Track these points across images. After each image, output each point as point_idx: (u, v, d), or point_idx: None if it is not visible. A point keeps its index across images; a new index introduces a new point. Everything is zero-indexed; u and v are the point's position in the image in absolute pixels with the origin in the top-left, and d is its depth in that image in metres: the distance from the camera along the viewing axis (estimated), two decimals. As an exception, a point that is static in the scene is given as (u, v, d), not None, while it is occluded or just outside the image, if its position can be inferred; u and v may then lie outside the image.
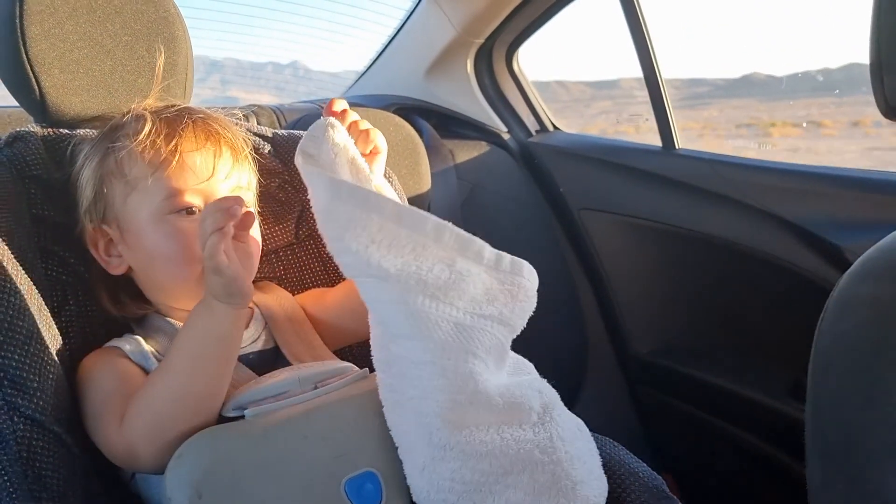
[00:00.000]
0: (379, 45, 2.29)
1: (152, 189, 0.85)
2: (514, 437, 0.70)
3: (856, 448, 0.62)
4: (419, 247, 0.66)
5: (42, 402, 0.74)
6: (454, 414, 0.68)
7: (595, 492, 0.72)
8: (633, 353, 1.96)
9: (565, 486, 0.69)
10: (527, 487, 0.68)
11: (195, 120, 0.88)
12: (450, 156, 1.96)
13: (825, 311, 0.72)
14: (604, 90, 2.97)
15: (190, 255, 0.85)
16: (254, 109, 1.76)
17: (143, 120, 0.87)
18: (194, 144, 0.87)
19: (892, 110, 0.68)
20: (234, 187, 0.90)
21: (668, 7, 2.13)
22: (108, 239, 0.89)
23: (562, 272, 2.06)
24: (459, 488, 0.69)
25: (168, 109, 0.91)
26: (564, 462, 0.71)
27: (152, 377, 0.79)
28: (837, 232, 1.46)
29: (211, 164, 0.87)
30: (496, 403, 0.70)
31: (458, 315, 0.67)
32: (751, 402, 1.61)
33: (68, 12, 0.95)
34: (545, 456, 0.70)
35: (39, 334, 0.77)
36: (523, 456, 0.69)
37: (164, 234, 0.85)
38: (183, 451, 0.69)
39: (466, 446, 0.69)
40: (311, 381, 0.78)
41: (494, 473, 0.69)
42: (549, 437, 0.71)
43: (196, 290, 0.86)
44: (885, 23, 0.66)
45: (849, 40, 2.43)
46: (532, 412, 0.73)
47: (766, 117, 2.57)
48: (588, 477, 0.73)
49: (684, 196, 1.75)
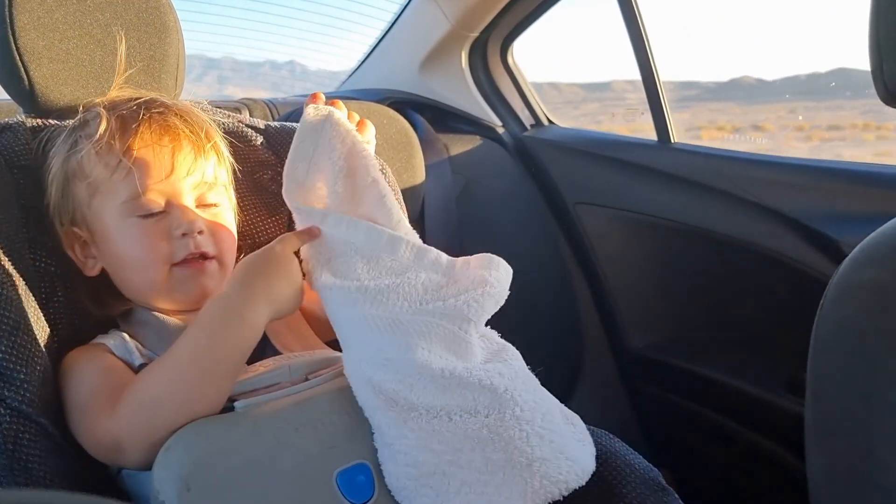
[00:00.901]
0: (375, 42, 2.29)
1: (113, 191, 0.83)
2: (463, 419, 0.71)
3: (858, 434, 0.62)
4: (372, 260, 0.78)
5: (29, 394, 0.73)
6: (401, 400, 0.71)
7: (562, 471, 0.70)
8: (628, 348, 1.95)
9: (519, 462, 0.68)
10: (480, 466, 0.68)
11: (152, 115, 0.85)
12: (444, 150, 1.96)
13: (825, 297, 0.71)
14: (596, 92, 2.97)
15: (155, 257, 0.83)
16: (247, 103, 1.75)
17: (99, 119, 0.85)
18: (150, 141, 0.84)
19: (891, 96, 0.67)
20: (197, 183, 0.87)
21: (665, 8, 2.14)
22: (82, 240, 0.88)
23: (557, 266, 2.05)
24: (414, 472, 0.69)
25: (126, 104, 0.87)
26: (518, 440, 0.70)
27: (154, 373, 0.75)
28: (834, 225, 1.45)
29: (169, 161, 0.84)
30: (443, 386, 0.72)
31: (397, 313, 0.74)
32: (747, 397, 1.61)
33: (58, 2, 0.94)
34: (494, 434, 0.70)
35: (27, 325, 0.76)
36: (472, 435, 0.70)
37: (129, 236, 0.84)
38: (171, 443, 0.68)
39: (417, 431, 0.70)
40: (301, 372, 0.77)
41: (446, 453, 0.69)
42: (502, 417, 0.71)
43: (166, 291, 0.85)
44: (885, 10, 0.66)
45: (839, 45, 2.47)
46: (486, 393, 0.73)
47: (724, 120, 2.60)
48: (553, 455, 0.72)
49: (680, 190, 1.75)
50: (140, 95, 0.90)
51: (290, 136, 1.11)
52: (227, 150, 0.96)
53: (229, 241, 0.90)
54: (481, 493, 0.67)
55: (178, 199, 0.85)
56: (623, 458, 0.85)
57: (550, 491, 0.68)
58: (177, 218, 0.84)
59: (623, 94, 2.77)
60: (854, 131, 2.29)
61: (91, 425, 0.74)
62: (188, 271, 0.85)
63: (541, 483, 0.68)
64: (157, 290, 0.86)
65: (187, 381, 0.72)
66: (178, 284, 0.85)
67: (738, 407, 1.65)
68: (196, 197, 0.88)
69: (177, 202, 0.85)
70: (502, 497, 0.66)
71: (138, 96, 0.89)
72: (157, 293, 0.86)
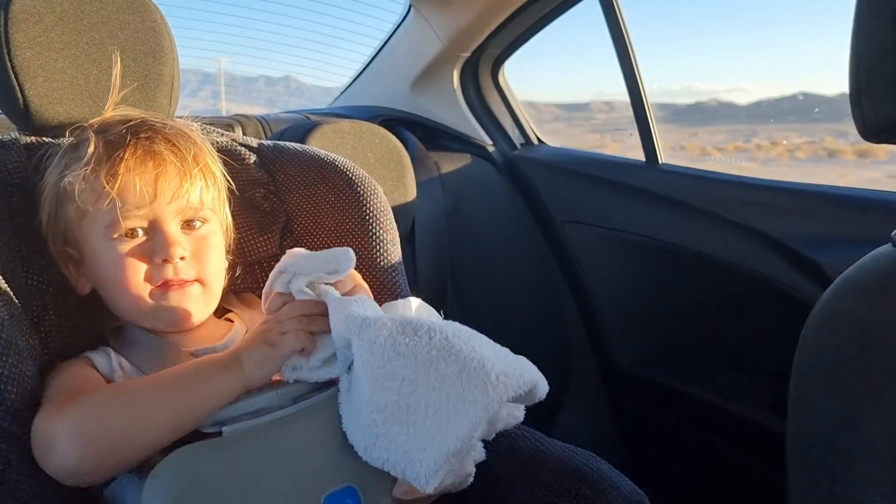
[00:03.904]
0: (367, 60, 2.30)
1: (98, 215, 0.84)
2: (409, 348, 0.71)
3: (838, 465, 0.63)
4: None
5: (20, 415, 0.73)
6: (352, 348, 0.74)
7: (514, 367, 0.70)
8: (615, 365, 1.96)
9: (473, 367, 0.68)
10: (437, 384, 0.68)
11: (139, 140, 0.85)
12: (435, 168, 1.97)
13: (806, 328, 0.73)
14: (573, 112, 3.01)
15: (136, 280, 0.84)
16: (240, 119, 1.76)
17: (87, 143, 0.86)
18: (133, 167, 0.84)
19: (870, 132, 0.69)
20: (182, 208, 0.87)
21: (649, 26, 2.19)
22: (75, 259, 0.88)
23: (545, 284, 2.07)
24: (381, 418, 0.69)
25: (116, 127, 0.87)
26: (466, 350, 0.70)
27: (118, 386, 0.76)
28: (818, 248, 1.48)
29: (152, 187, 0.84)
30: (383, 324, 0.73)
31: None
32: (733, 416, 1.62)
33: (54, 21, 0.95)
34: (443, 352, 0.70)
35: (17, 345, 0.76)
36: (422, 360, 0.70)
37: (112, 259, 0.84)
38: (159, 469, 0.67)
39: (371, 376, 0.71)
40: (289, 396, 0.77)
41: (403, 386, 0.69)
42: (445, 336, 0.71)
43: (150, 313, 0.85)
44: (864, 47, 0.67)
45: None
46: (424, 320, 0.74)
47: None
48: (503, 358, 0.71)
49: (667, 210, 1.77)
50: (131, 117, 0.90)
51: (283, 154, 1.13)
52: (221, 170, 0.96)
53: (215, 264, 0.90)
54: (447, 407, 0.67)
55: (161, 224, 0.85)
56: (609, 480, 0.86)
57: (509, 384, 0.67)
58: (159, 243, 0.85)
59: (594, 114, 2.83)
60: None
61: (38, 416, 0.73)
62: (169, 295, 0.85)
63: (498, 378, 0.67)
64: (142, 313, 0.86)
65: (143, 405, 0.72)
66: (159, 308, 0.85)
67: (722, 425, 1.66)
68: (181, 220, 0.88)
69: (160, 227, 0.85)
70: (467, 402, 0.66)
71: (130, 118, 0.89)
72: (141, 315, 0.87)
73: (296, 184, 1.10)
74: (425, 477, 0.67)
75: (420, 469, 0.67)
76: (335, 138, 1.63)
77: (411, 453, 0.68)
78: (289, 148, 1.13)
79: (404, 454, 0.68)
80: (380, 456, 0.70)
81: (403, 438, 0.69)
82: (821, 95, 2.22)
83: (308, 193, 1.09)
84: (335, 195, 1.08)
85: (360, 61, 2.33)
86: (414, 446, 0.68)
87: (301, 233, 1.09)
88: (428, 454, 0.67)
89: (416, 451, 0.68)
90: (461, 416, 0.66)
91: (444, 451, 0.66)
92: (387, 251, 1.07)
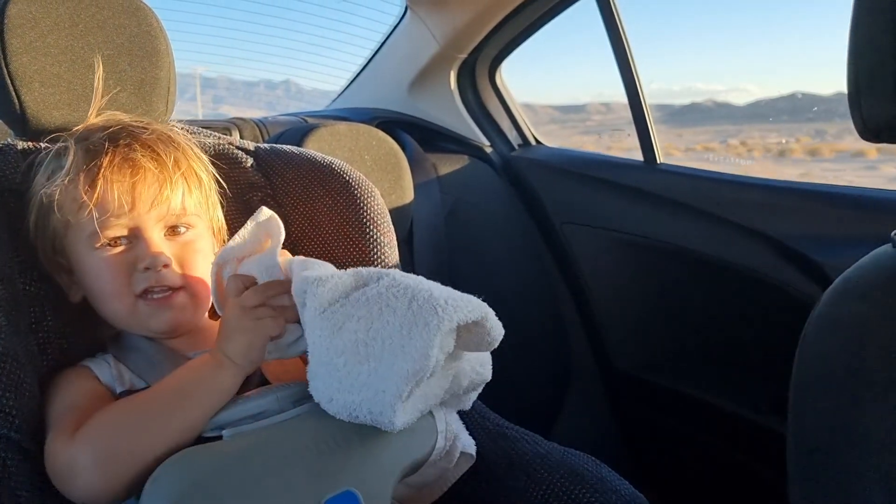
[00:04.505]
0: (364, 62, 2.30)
1: (80, 225, 0.83)
2: (360, 293, 0.74)
3: (839, 468, 0.62)
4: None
5: (18, 421, 0.73)
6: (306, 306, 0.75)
7: (462, 298, 0.72)
8: (615, 368, 1.96)
9: (422, 296, 0.71)
10: (391, 319, 0.71)
11: (118, 147, 0.85)
12: (433, 169, 1.97)
13: (806, 330, 0.72)
14: (569, 114, 3.02)
15: (119, 289, 0.84)
16: (237, 122, 1.76)
17: (67, 153, 0.85)
18: (111, 176, 0.83)
19: (869, 132, 0.69)
20: (163, 215, 0.86)
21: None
22: (66, 267, 0.88)
23: (544, 286, 2.06)
24: (341, 361, 0.71)
25: (95, 135, 0.87)
26: (414, 286, 0.73)
27: (125, 404, 0.76)
28: (817, 248, 1.47)
29: (130, 196, 0.83)
30: (332, 279, 0.76)
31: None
32: (733, 417, 1.62)
33: (50, 26, 0.95)
34: (391, 290, 0.73)
35: (14, 351, 0.76)
36: (373, 301, 0.73)
37: (95, 268, 0.84)
38: (159, 473, 0.67)
39: (328, 326, 0.73)
40: (289, 400, 0.77)
41: (360, 327, 0.71)
42: (392, 280, 0.75)
43: (136, 322, 0.85)
44: (862, 48, 0.67)
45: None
46: (367, 271, 0.79)
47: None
48: (450, 291, 0.74)
49: (666, 211, 1.77)
50: (112, 123, 0.89)
51: (280, 157, 1.12)
52: (207, 173, 0.95)
53: (202, 269, 0.89)
54: (401, 334, 0.69)
55: (143, 232, 0.85)
56: (609, 483, 0.86)
57: (458, 307, 0.70)
58: (141, 251, 0.84)
59: (589, 115, 2.85)
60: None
61: (53, 442, 0.73)
62: (153, 304, 0.85)
63: (447, 302, 0.70)
64: (130, 321, 0.86)
65: (155, 419, 0.73)
66: (145, 317, 0.85)
67: (721, 427, 1.66)
68: (164, 227, 0.87)
69: (142, 235, 0.85)
70: (419, 325, 0.68)
71: (110, 124, 0.89)
72: (130, 323, 0.87)
73: (293, 187, 1.10)
74: (390, 406, 0.69)
75: (384, 399, 0.69)
76: (332, 141, 1.63)
77: (374, 386, 0.70)
78: (286, 151, 1.13)
79: (367, 389, 0.70)
80: (345, 401, 0.72)
81: (365, 375, 0.70)
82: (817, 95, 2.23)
83: (305, 197, 1.09)
84: (332, 198, 1.08)
85: (358, 64, 2.34)
86: (375, 379, 0.70)
87: (298, 236, 1.09)
88: (389, 383, 0.69)
89: (378, 382, 0.70)
90: (415, 339, 0.68)
91: (404, 374, 0.68)
92: (384, 254, 1.07)
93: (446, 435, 0.82)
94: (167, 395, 0.75)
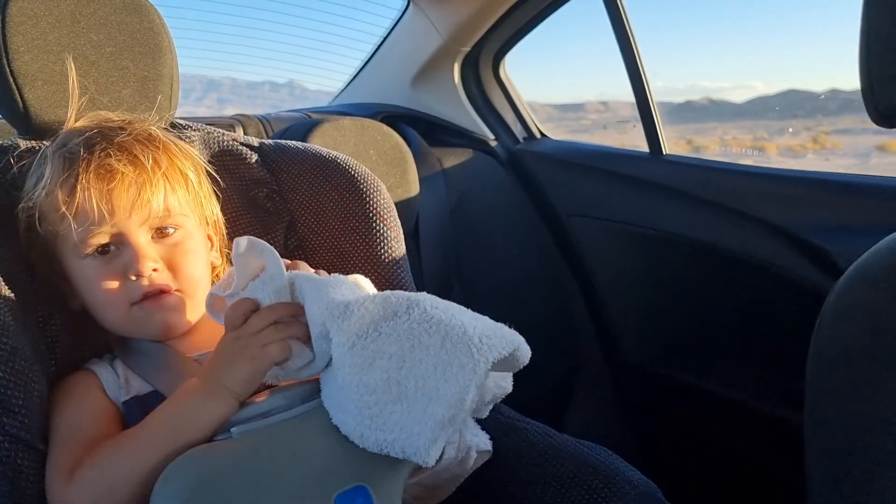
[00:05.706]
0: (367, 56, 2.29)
1: (64, 235, 0.82)
2: (389, 326, 0.71)
3: (858, 456, 0.62)
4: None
5: (27, 420, 0.73)
6: (335, 337, 0.72)
7: (495, 331, 0.70)
8: (623, 359, 1.96)
9: (455, 333, 0.69)
10: (423, 356, 0.68)
11: (93, 152, 0.83)
12: (438, 164, 1.96)
13: (821, 316, 0.72)
14: (568, 112, 3.02)
15: (112, 298, 0.83)
16: (241, 119, 1.75)
17: (44, 163, 0.84)
18: (88, 184, 0.81)
19: (883, 118, 0.68)
20: (146, 218, 0.84)
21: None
22: (63, 275, 0.87)
23: (552, 279, 2.06)
24: (372, 399, 0.69)
25: (73, 140, 0.85)
26: (446, 319, 0.71)
27: (120, 444, 0.73)
28: (828, 237, 1.46)
29: (108, 203, 0.81)
30: (360, 307, 0.73)
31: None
32: (743, 408, 1.61)
33: (52, 23, 0.94)
34: (423, 324, 0.70)
35: (24, 351, 0.75)
36: (404, 336, 0.70)
37: (86, 278, 0.84)
38: (170, 471, 0.67)
39: (358, 361, 0.70)
40: (297, 396, 0.77)
41: (391, 363, 0.69)
42: (423, 311, 0.72)
43: (132, 327, 0.85)
44: (875, 33, 0.67)
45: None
46: (397, 297, 0.75)
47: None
48: (483, 322, 0.72)
49: (673, 202, 1.76)
50: (88, 128, 0.87)
51: (285, 153, 1.12)
52: (195, 168, 0.93)
53: (193, 268, 0.88)
54: (435, 376, 0.67)
55: (128, 238, 0.83)
56: (621, 473, 0.86)
57: (492, 345, 0.68)
58: (129, 257, 0.83)
59: (584, 114, 2.86)
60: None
61: (53, 478, 0.73)
62: (147, 309, 0.84)
63: (481, 340, 0.68)
64: (126, 327, 0.86)
65: (147, 456, 0.70)
66: (140, 322, 0.84)
67: (733, 418, 1.65)
68: (151, 229, 0.86)
69: (127, 241, 0.83)
70: (454, 367, 0.67)
71: (86, 129, 0.87)
72: (126, 329, 0.86)
73: (299, 182, 1.09)
74: (425, 449, 0.67)
75: (418, 442, 0.67)
76: (337, 136, 1.62)
77: (407, 428, 0.68)
78: (291, 146, 1.13)
79: (401, 431, 0.68)
80: (377, 438, 0.69)
81: (398, 415, 0.68)
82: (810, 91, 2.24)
83: (311, 192, 1.08)
84: (338, 193, 1.07)
85: (361, 60, 2.33)
86: (409, 420, 0.68)
87: (305, 231, 1.08)
88: (423, 426, 0.67)
89: (412, 424, 0.67)
90: (450, 382, 0.67)
91: (439, 419, 0.66)
92: (391, 248, 1.07)
93: (458, 446, 0.82)
94: (159, 434, 0.72)
